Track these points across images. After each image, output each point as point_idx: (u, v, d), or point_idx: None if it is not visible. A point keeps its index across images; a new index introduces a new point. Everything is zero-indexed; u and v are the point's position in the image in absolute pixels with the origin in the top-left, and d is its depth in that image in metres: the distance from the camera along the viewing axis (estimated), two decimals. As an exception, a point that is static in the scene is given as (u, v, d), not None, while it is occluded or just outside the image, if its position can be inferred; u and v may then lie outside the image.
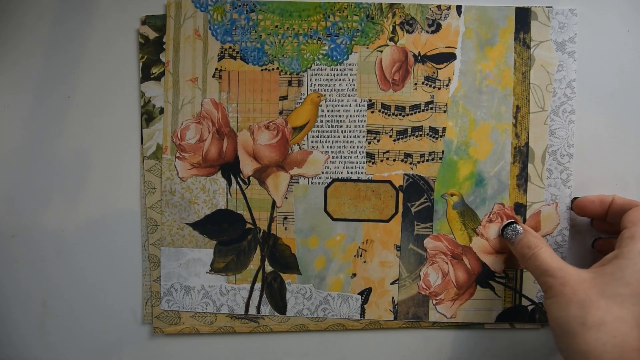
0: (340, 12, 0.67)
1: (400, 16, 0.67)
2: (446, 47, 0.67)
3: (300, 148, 0.68)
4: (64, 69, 0.69)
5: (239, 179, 0.68)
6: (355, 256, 0.68)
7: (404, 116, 0.67)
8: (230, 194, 0.68)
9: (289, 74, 0.68)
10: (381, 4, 0.67)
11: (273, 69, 0.68)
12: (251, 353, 0.70)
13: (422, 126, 0.67)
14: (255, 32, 0.68)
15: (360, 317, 0.68)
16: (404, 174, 0.68)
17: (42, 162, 0.69)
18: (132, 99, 0.69)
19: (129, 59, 0.69)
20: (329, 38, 0.67)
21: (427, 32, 0.67)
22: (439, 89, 0.67)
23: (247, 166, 0.68)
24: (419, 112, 0.67)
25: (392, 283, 0.68)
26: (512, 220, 0.66)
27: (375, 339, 0.69)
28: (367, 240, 0.68)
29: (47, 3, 0.69)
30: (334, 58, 0.67)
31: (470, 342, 0.69)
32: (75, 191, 0.69)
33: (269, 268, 0.69)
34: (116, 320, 0.70)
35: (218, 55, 0.68)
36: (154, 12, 0.68)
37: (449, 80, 0.67)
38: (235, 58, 0.68)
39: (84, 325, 0.70)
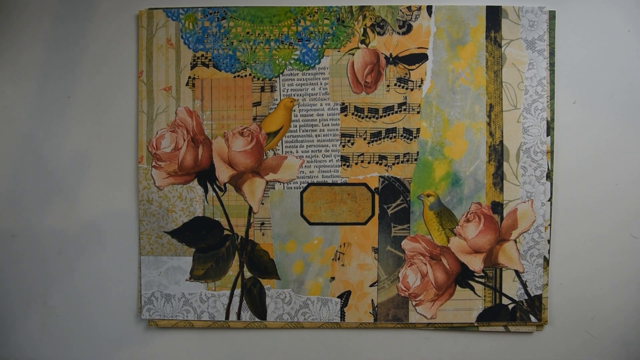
0: (310, 17, 0.67)
1: (371, 18, 0.67)
2: (418, 48, 0.67)
3: (275, 153, 0.68)
4: (64, 69, 0.69)
5: (215, 186, 0.68)
6: (333, 260, 0.68)
7: (377, 118, 0.67)
8: (207, 201, 0.68)
9: (262, 80, 0.68)
10: (351, 6, 0.67)
11: (245, 76, 0.68)
12: (246, 347, 0.70)
13: (395, 128, 0.67)
14: (227, 39, 0.68)
15: (341, 320, 0.68)
16: (379, 176, 0.68)
17: (42, 162, 0.70)
18: (131, 100, 0.69)
19: (129, 59, 0.69)
20: (300, 43, 0.67)
21: (398, 33, 0.67)
22: (412, 90, 0.67)
23: (223, 173, 0.68)
24: (392, 113, 0.67)
25: (371, 285, 0.68)
26: None
27: (369, 338, 0.69)
28: (344, 244, 0.68)
29: (47, 4, 0.69)
30: (306, 62, 0.68)
31: (468, 343, 0.69)
32: (74, 191, 0.70)
33: (248, 274, 0.69)
34: (116, 318, 0.71)
35: (191, 64, 0.68)
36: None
37: (422, 81, 0.67)
38: (208, 66, 0.68)
39: (83, 323, 0.71)
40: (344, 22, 0.67)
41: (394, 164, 0.67)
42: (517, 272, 0.67)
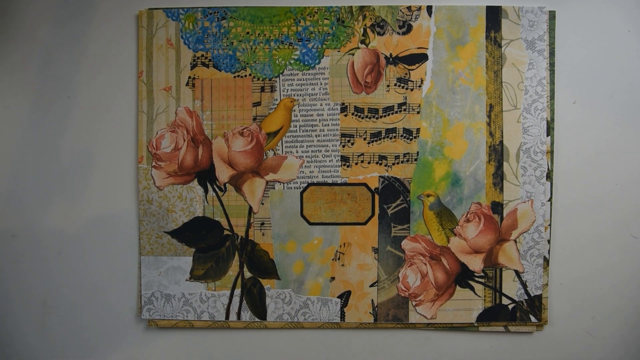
0: (310, 17, 0.67)
1: (371, 18, 0.67)
2: (418, 48, 0.67)
3: (275, 153, 0.68)
4: (64, 70, 0.70)
5: (215, 186, 0.68)
6: (333, 260, 0.68)
7: (377, 118, 0.67)
8: (207, 201, 0.69)
9: (262, 80, 0.68)
10: (351, 6, 0.67)
11: (245, 76, 0.68)
12: (246, 347, 0.70)
13: (395, 128, 0.67)
14: (227, 39, 0.68)
15: (341, 320, 0.68)
16: (379, 176, 0.68)
17: (43, 162, 0.70)
18: (131, 100, 0.69)
19: (129, 59, 0.69)
20: (300, 43, 0.67)
21: (398, 33, 0.67)
22: (412, 90, 0.67)
23: (223, 173, 0.68)
24: (392, 113, 0.67)
25: (371, 285, 0.68)
26: None
27: (369, 338, 0.70)
28: (344, 244, 0.68)
29: (48, 5, 0.69)
30: (306, 62, 0.68)
31: (468, 343, 0.69)
32: (75, 191, 0.70)
33: (248, 274, 0.69)
34: (115, 318, 0.71)
35: (191, 64, 0.68)
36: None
37: (422, 81, 0.67)
38: (208, 66, 0.68)
39: (83, 323, 0.71)
40: (344, 22, 0.67)
41: (394, 164, 0.68)
42: (517, 272, 0.67)
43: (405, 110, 0.67)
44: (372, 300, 0.68)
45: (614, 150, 0.68)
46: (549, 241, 0.67)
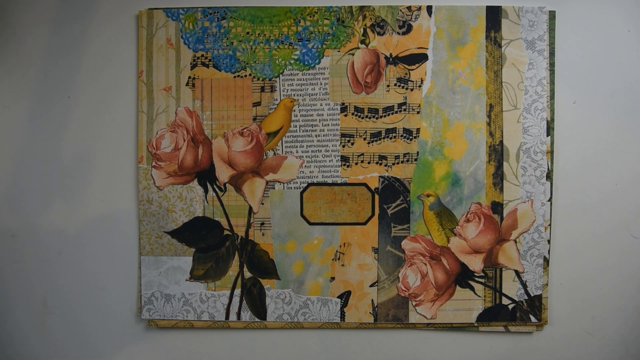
0: (310, 17, 0.67)
1: (371, 18, 0.67)
2: (418, 48, 0.67)
3: (275, 153, 0.68)
4: (64, 69, 0.70)
5: (215, 186, 0.68)
6: (333, 260, 0.68)
7: (377, 118, 0.67)
8: (207, 201, 0.69)
9: (262, 80, 0.68)
10: (351, 6, 0.67)
11: (245, 76, 0.68)
12: (246, 347, 0.70)
13: (395, 128, 0.67)
14: (227, 39, 0.68)
15: (341, 320, 0.68)
16: (379, 176, 0.68)
17: (43, 162, 0.70)
18: (131, 100, 0.69)
19: (129, 59, 0.69)
20: (300, 43, 0.67)
21: (398, 33, 0.67)
22: (412, 90, 0.67)
23: (223, 173, 0.68)
24: (392, 113, 0.67)
25: (371, 285, 0.68)
26: None
27: (369, 338, 0.70)
28: (344, 244, 0.68)
29: (48, 6, 0.69)
30: (306, 62, 0.68)
31: (468, 343, 0.69)
32: (74, 191, 0.70)
33: (248, 274, 0.69)
34: (115, 318, 0.71)
35: (191, 64, 0.68)
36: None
37: (422, 81, 0.67)
38: (207, 66, 0.68)
39: (83, 323, 0.71)
40: (344, 22, 0.67)
41: (394, 164, 0.68)
42: (517, 272, 0.67)
43: (405, 110, 0.67)
44: (372, 300, 0.68)
45: (614, 150, 0.68)
46: (549, 241, 0.67)
